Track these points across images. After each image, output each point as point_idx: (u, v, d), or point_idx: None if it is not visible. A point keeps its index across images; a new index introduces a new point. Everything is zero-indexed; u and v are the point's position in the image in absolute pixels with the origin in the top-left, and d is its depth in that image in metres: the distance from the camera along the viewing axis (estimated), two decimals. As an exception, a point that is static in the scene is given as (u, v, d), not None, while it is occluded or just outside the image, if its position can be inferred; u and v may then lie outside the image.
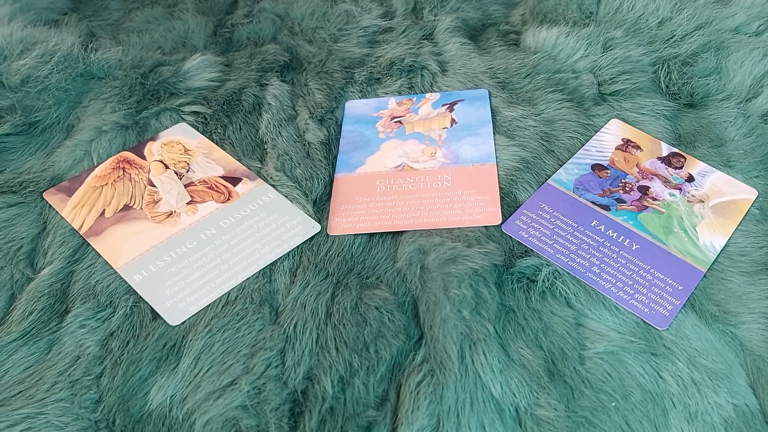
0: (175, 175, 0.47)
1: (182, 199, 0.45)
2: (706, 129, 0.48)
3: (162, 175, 0.47)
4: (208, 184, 0.46)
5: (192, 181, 0.47)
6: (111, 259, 0.42)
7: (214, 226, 0.43)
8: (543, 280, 0.39)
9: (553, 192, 0.45)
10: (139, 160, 0.48)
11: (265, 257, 0.42)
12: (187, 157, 0.48)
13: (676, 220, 0.43)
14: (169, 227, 0.44)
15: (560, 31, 0.55)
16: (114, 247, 0.43)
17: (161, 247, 0.42)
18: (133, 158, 0.48)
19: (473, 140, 0.49)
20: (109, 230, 0.44)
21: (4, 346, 0.37)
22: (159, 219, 0.44)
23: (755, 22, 0.54)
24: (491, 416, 0.33)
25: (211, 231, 0.43)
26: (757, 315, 0.37)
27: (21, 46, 0.52)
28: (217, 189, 0.46)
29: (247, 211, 0.44)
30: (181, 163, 0.48)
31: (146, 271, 0.41)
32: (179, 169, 0.47)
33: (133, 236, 0.43)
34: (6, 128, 0.49)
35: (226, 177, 0.47)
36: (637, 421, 0.33)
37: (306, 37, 0.59)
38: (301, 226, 0.43)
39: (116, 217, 0.44)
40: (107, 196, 0.45)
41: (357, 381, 0.35)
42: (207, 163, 0.48)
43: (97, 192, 0.46)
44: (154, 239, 0.43)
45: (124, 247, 0.43)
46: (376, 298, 0.39)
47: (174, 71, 0.54)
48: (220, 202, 0.45)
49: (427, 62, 0.56)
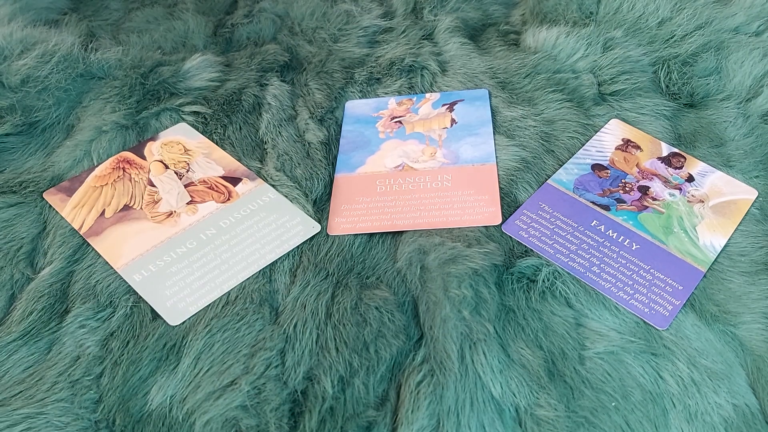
0: (175, 175, 0.47)
1: (182, 199, 0.45)
2: (706, 129, 0.48)
3: (162, 175, 0.47)
4: (208, 184, 0.46)
5: (192, 181, 0.47)
6: (111, 259, 0.42)
7: (214, 226, 0.43)
8: (543, 280, 0.39)
9: (553, 192, 0.45)
10: (139, 160, 0.48)
11: (265, 257, 0.42)
12: (187, 157, 0.48)
13: (676, 220, 0.43)
14: (169, 227, 0.44)
15: (560, 31, 0.55)
16: (114, 247, 0.43)
17: (161, 247, 0.42)
18: (133, 158, 0.48)
19: (473, 140, 0.49)
20: (109, 230, 0.44)
21: (4, 346, 0.37)
22: (159, 219, 0.44)
23: (755, 22, 0.54)
24: (491, 416, 0.33)
25: (211, 231, 0.43)
26: (757, 315, 0.37)
27: (21, 46, 0.52)
28: (217, 189, 0.46)
29: (247, 211, 0.44)
30: (181, 163, 0.48)
31: (146, 271, 0.41)
32: (179, 169, 0.47)
33: (133, 236, 0.43)
34: (6, 128, 0.49)
35: (226, 177, 0.47)
36: (637, 421, 0.33)
37: (306, 37, 0.59)
38: (301, 226, 0.43)
39: (116, 217, 0.44)
40: (107, 196, 0.45)
41: (357, 381, 0.35)
42: (207, 163, 0.48)
43: (97, 192, 0.46)
44: (154, 239, 0.43)
45: (124, 247, 0.43)
46: (376, 298, 0.39)
47: (174, 71, 0.54)
48: (220, 202, 0.45)
49: (427, 62, 0.56)
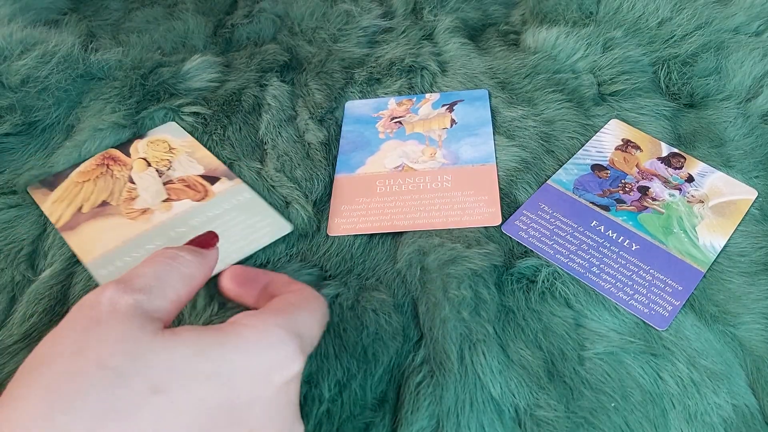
0: (156, 172, 0.46)
1: (159, 196, 0.45)
2: (706, 129, 0.48)
3: (143, 173, 0.46)
4: (187, 182, 0.45)
5: (171, 179, 0.46)
6: (81, 253, 0.41)
7: (185, 224, 0.43)
8: (542, 280, 0.39)
9: (552, 192, 0.45)
10: (123, 158, 0.47)
11: (230, 256, 0.40)
12: (171, 156, 0.47)
13: (676, 220, 0.43)
14: (142, 223, 0.43)
15: (560, 31, 0.55)
16: (86, 241, 0.42)
17: (130, 244, 0.41)
18: (118, 155, 0.47)
19: (473, 141, 0.49)
20: (83, 225, 0.43)
21: (6, 349, 0.37)
22: (133, 215, 0.43)
23: (755, 22, 0.54)
24: (491, 417, 0.33)
25: (181, 229, 0.42)
26: (757, 315, 0.37)
27: (21, 46, 0.52)
28: (195, 188, 0.45)
29: (220, 209, 0.43)
30: (163, 161, 0.47)
31: (113, 267, 0.40)
32: (161, 167, 0.47)
33: (105, 232, 0.42)
34: (6, 128, 0.49)
35: (205, 176, 0.46)
36: (637, 422, 0.33)
37: (306, 38, 0.59)
38: (271, 227, 0.42)
39: (92, 213, 0.44)
40: (87, 191, 0.45)
41: (354, 384, 0.35)
42: (189, 162, 0.47)
43: (78, 188, 0.45)
44: (124, 235, 0.42)
45: (96, 242, 0.42)
46: (374, 300, 0.39)
47: (174, 72, 0.54)
48: (195, 200, 0.44)
49: (427, 62, 0.56)
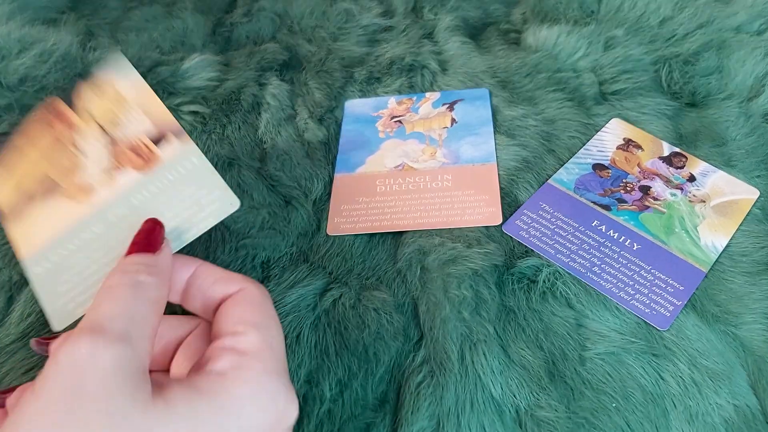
0: (101, 130, 0.36)
1: (101, 164, 0.35)
2: (708, 128, 0.48)
3: (85, 131, 0.36)
4: (132, 144, 0.35)
5: (115, 141, 0.35)
6: (22, 246, 0.33)
7: (126, 202, 0.34)
8: (543, 280, 0.39)
9: (553, 192, 0.44)
10: (68, 113, 0.36)
11: (172, 244, 0.32)
12: (118, 107, 0.36)
13: (678, 220, 0.42)
14: (83, 205, 0.34)
15: (561, 30, 0.55)
16: (28, 232, 0.34)
17: (71, 231, 0.33)
18: (62, 109, 0.37)
19: (473, 140, 0.49)
20: (24, 208, 0.34)
21: (3, 348, 0.37)
22: (72, 193, 0.34)
23: (757, 21, 0.54)
24: (491, 417, 0.33)
25: (121, 210, 0.33)
26: (759, 315, 0.37)
27: (19, 45, 0.52)
28: (139, 152, 0.35)
29: (165, 182, 0.34)
30: (109, 114, 0.36)
31: (49, 263, 0.32)
32: (105, 123, 0.36)
33: (46, 217, 0.34)
34: (4, 127, 0.48)
35: (153, 136, 0.35)
36: (638, 422, 0.33)
37: (305, 36, 0.59)
38: (217, 203, 0.33)
39: (35, 190, 0.35)
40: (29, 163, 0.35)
41: (355, 383, 0.35)
42: (139, 119, 0.36)
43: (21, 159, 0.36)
44: (64, 221, 0.34)
45: (35, 231, 0.34)
46: (376, 299, 0.38)
47: (173, 71, 0.54)
48: (140, 169, 0.34)
49: (428, 61, 0.55)
